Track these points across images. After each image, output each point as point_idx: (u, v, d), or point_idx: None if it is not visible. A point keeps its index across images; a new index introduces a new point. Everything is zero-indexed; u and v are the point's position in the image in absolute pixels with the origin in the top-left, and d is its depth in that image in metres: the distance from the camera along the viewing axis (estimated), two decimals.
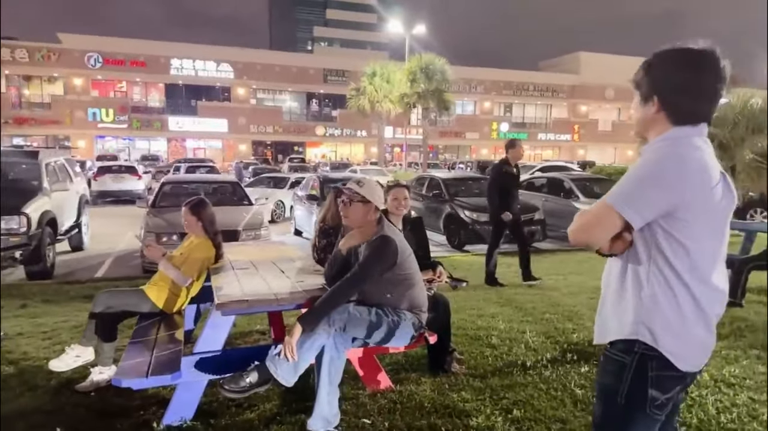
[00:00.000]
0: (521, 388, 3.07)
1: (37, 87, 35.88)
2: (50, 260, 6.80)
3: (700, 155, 1.33)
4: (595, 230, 1.35)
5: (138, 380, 2.20)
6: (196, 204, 3.45)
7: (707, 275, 1.36)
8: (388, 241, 2.48)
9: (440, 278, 3.32)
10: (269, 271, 3.06)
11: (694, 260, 1.33)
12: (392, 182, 3.49)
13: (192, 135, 39.46)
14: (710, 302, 1.37)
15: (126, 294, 3.19)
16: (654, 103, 1.40)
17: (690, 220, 1.30)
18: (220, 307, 2.26)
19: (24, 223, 6.12)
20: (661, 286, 1.35)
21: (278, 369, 2.33)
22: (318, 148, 44.01)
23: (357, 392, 2.99)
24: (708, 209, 1.32)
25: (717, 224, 1.36)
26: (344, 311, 2.40)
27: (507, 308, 5.04)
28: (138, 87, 38.46)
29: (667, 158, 1.32)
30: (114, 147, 37.06)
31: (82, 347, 3.07)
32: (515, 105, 49.34)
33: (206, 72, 39.16)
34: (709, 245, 1.35)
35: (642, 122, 1.46)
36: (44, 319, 4.61)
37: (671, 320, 1.35)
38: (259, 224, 7.31)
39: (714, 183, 1.32)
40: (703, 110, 1.38)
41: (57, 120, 35.13)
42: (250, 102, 41.33)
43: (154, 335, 2.79)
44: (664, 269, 1.35)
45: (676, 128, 1.37)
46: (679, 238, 1.32)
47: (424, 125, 29.04)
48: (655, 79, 1.41)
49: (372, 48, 64.09)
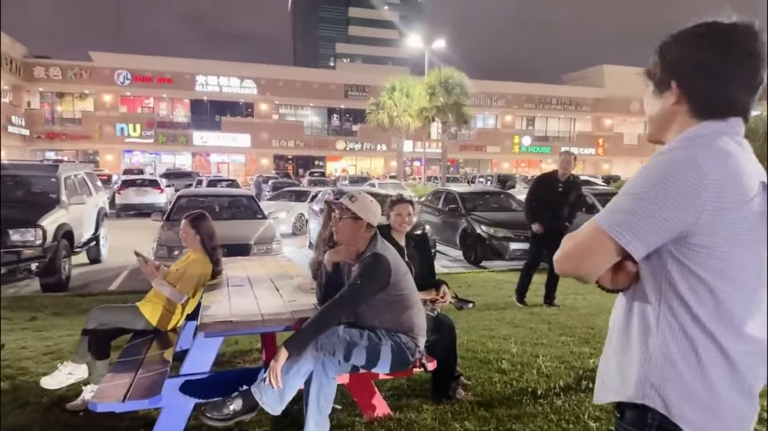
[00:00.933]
0: (530, 419, 2.87)
1: (69, 103, 37.20)
2: (65, 272, 6.86)
3: (727, 159, 1.00)
4: (585, 260, 1.05)
5: (114, 404, 2.09)
6: (195, 218, 3.39)
7: (741, 323, 1.02)
8: (380, 259, 2.34)
9: (444, 299, 3.15)
10: (264, 289, 2.95)
11: (722, 301, 1.00)
12: (396, 197, 3.35)
13: (216, 150, 40.23)
14: (747, 361, 1.02)
15: (120, 311, 3.13)
16: (672, 91, 1.08)
17: (712, 248, 0.98)
18: (202, 328, 2.16)
19: (40, 235, 6.19)
20: (674, 334, 1.02)
21: (263, 396, 2.20)
22: (338, 162, 44.28)
23: (353, 419, 2.83)
24: (739, 234, 0.99)
25: (753, 256, 1.02)
26: (333, 335, 2.26)
27: (521, 329, 4.82)
28: (164, 103, 39.51)
29: (678, 163, 0.99)
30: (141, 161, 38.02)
31: (75, 364, 3.00)
32: (538, 118, 48.81)
33: (230, 88, 39.99)
34: (744, 280, 1.01)
35: (657, 118, 1.13)
36: (50, 332, 4.60)
37: (689, 382, 1.01)
38: (271, 238, 7.28)
39: (749, 197, 0.99)
40: (736, 99, 1.06)
41: (87, 135, 36.29)
42: (273, 117, 41.96)
43: (143, 354, 2.70)
44: (678, 311, 1.02)
45: (701, 124, 1.06)
46: (698, 272, 1.00)
47: (444, 139, 28.90)
48: (672, 60, 1.09)
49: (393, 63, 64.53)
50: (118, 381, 2.31)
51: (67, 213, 7.10)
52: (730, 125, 1.06)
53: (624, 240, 1.00)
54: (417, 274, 3.18)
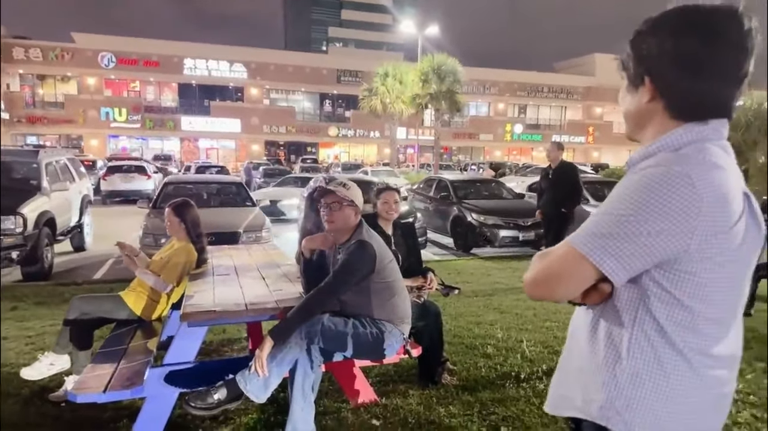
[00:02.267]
0: (512, 402, 2.90)
1: (50, 86, 36.27)
2: (48, 261, 6.75)
3: (720, 176, 0.89)
4: (559, 284, 0.95)
5: (94, 395, 2.07)
6: (179, 205, 3.33)
7: (717, 345, 0.95)
8: (365, 246, 2.32)
9: (431, 286, 3.16)
10: (249, 278, 2.92)
11: (702, 326, 0.93)
12: (382, 185, 3.34)
13: (205, 135, 39.66)
14: (719, 380, 0.97)
15: (102, 300, 3.08)
16: (646, 87, 0.96)
17: (699, 274, 0.90)
18: (185, 317, 2.13)
19: (20, 223, 6.07)
20: (647, 362, 0.94)
21: (248, 385, 2.19)
22: (331, 148, 43.96)
23: (340, 405, 2.85)
24: (726, 255, 0.90)
25: (736, 274, 0.94)
26: (318, 323, 2.25)
27: (507, 315, 4.86)
28: (151, 87, 38.75)
29: (671, 181, 0.87)
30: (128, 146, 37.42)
31: (57, 355, 2.96)
32: (529, 106, 48.77)
33: (219, 72, 39.31)
34: (724, 303, 0.94)
35: (633, 116, 1.02)
36: (32, 322, 4.54)
37: (657, 409, 0.94)
38: (260, 225, 7.21)
39: (736, 218, 0.90)
40: (718, 97, 0.93)
41: (70, 119, 35.50)
42: (264, 102, 41.42)
43: (126, 344, 2.67)
44: (653, 338, 0.94)
45: (684, 127, 0.94)
46: (682, 298, 0.92)
47: (437, 126, 28.78)
48: (646, 51, 0.95)
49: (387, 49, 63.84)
50: (99, 372, 2.28)
51: (49, 200, 6.96)
52: (713, 128, 0.94)
53: (608, 268, 0.91)
54: (404, 261, 3.19)
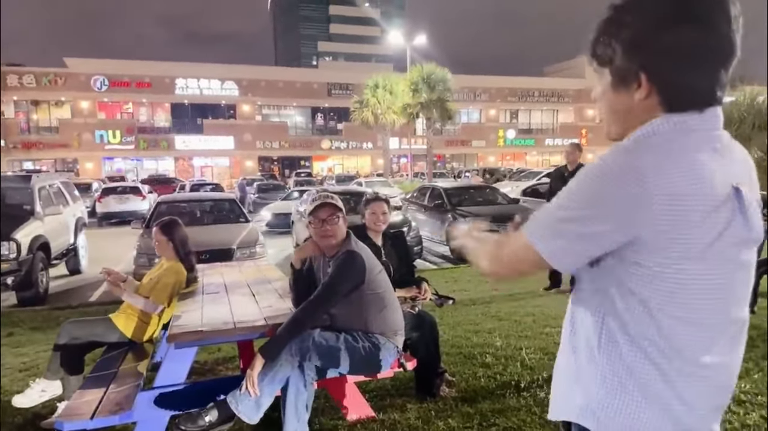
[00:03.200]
0: (513, 413, 2.86)
1: (45, 111, 36.38)
2: (43, 285, 6.72)
3: (681, 164, 0.82)
4: (513, 270, 0.99)
5: (82, 422, 2.03)
6: (167, 224, 3.31)
7: (693, 349, 0.89)
8: (354, 257, 2.30)
9: (424, 296, 3.13)
10: (239, 295, 2.89)
11: (668, 328, 0.87)
12: (371, 196, 3.31)
13: (199, 153, 39.72)
14: (703, 392, 0.91)
15: (92, 324, 3.04)
16: (641, 84, 0.88)
17: (664, 271, 0.84)
18: (171, 339, 2.10)
19: (14, 249, 6.04)
20: (613, 364, 0.91)
21: (239, 405, 2.15)
22: (324, 161, 44.06)
23: (336, 422, 2.80)
24: (696, 252, 0.83)
25: (719, 273, 0.86)
26: (308, 339, 2.21)
27: (506, 322, 4.82)
28: (144, 108, 38.87)
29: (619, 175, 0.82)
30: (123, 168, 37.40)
31: (48, 380, 2.91)
32: (521, 111, 49.08)
33: (211, 90, 39.50)
34: (704, 304, 0.87)
35: (622, 115, 0.93)
36: (27, 348, 4.49)
37: (627, 412, 0.91)
38: (254, 241, 7.19)
39: (708, 207, 0.82)
40: (714, 85, 0.86)
41: (65, 143, 35.54)
42: (256, 118, 41.58)
43: (116, 367, 2.62)
44: (620, 339, 0.90)
45: (664, 117, 0.88)
46: (646, 298, 0.87)
47: (429, 135, 28.90)
48: (636, 45, 0.87)
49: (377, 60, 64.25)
50: (88, 397, 2.24)
51: (43, 224, 6.94)
52: (705, 117, 0.87)
53: (551, 259, 0.91)
54: (395, 272, 3.16)
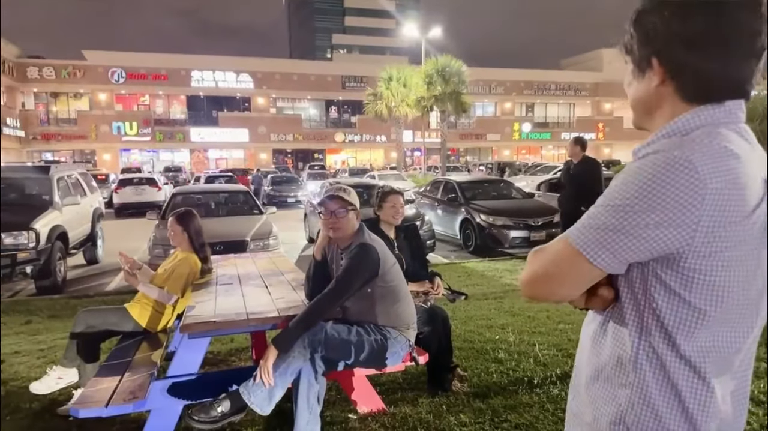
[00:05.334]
0: (526, 409, 2.83)
1: (64, 103, 37.00)
2: (61, 274, 6.83)
3: (729, 160, 0.80)
4: (555, 282, 0.88)
5: (96, 409, 2.05)
6: (182, 215, 3.34)
7: (733, 359, 0.87)
8: (368, 248, 2.29)
9: (437, 291, 3.10)
10: (252, 287, 2.89)
11: (716, 334, 0.84)
12: (387, 189, 3.28)
13: (214, 146, 40.06)
14: (735, 395, 0.89)
15: (107, 313, 3.08)
16: (655, 70, 0.88)
17: (709, 272, 0.81)
18: (184, 329, 2.11)
19: (33, 238, 6.15)
20: (655, 374, 0.86)
21: (252, 397, 2.16)
22: (338, 154, 44.10)
23: (347, 415, 2.80)
24: (740, 250, 0.81)
25: (757, 272, 0.84)
26: (321, 331, 2.21)
27: (519, 317, 4.77)
28: (160, 100, 39.28)
29: (669, 166, 0.79)
30: (139, 159, 37.90)
31: (65, 368, 2.96)
32: (537, 105, 48.49)
33: (226, 83, 39.71)
34: (741, 305, 0.84)
35: (641, 102, 0.93)
36: (44, 335, 4.57)
37: (669, 427, 0.86)
38: (267, 233, 7.23)
39: (751, 207, 0.80)
40: (734, 76, 0.84)
41: (83, 135, 36.14)
42: (270, 111, 41.73)
43: (131, 356, 2.65)
44: (661, 346, 0.85)
45: (693, 110, 0.85)
46: (691, 299, 0.82)
47: (443, 128, 28.71)
48: (652, 32, 0.88)
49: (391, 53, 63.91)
50: (102, 385, 2.26)
51: (61, 215, 7.06)
52: (727, 111, 0.85)
53: (602, 263, 0.84)
54: (408, 265, 3.13)
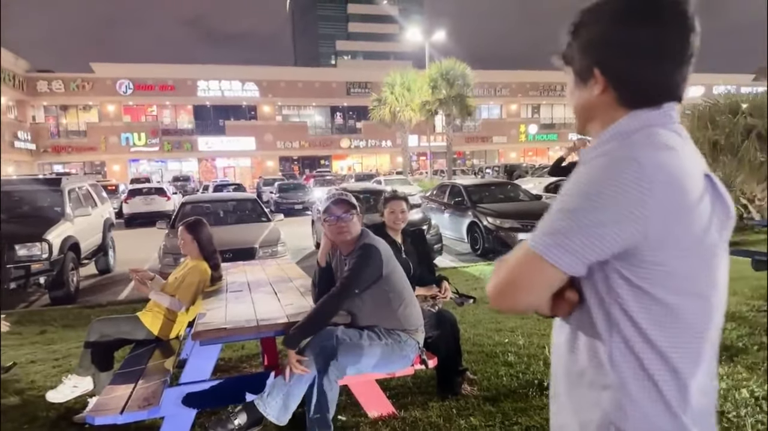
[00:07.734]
0: (536, 412, 2.83)
1: (73, 116, 37.55)
2: (74, 284, 6.93)
3: (671, 156, 0.85)
4: (521, 291, 0.88)
5: (112, 416, 2.09)
6: (192, 224, 3.39)
7: (701, 345, 0.89)
8: (371, 250, 2.33)
9: (445, 295, 3.11)
10: (262, 294, 2.93)
11: (683, 322, 0.86)
12: (388, 195, 3.30)
13: (221, 154, 40.40)
14: (705, 385, 0.90)
15: (120, 322, 3.13)
16: (596, 79, 0.93)
17: (666, 263, 0.84)
18: (195, 336, 2.14)
19: (46, 249, 6.25)
20: (633, 369, 0.87)
21: (267, 408, 2.19)
22: (344, 160, 44.27)
23: (358, 420, 2.82)
24: (691, 239, 0.85)
25: (709, 259, 0.88)
26: (331, 337, 2.24)
27: (528, 320, 4.77)
28: (168, 110, 39.70)
29: (617, 168, 0.83)
30: (148, 170, 38.30)
31: (79, 377, 3.01)
32: (543, 106, 48.39)
33: (232, 92, 40.09)
34: (700, 293, 0.88)
35: (583, 110, 0.99)
36: (59, 345, 4.64)
37: (654, 419, 0.87)
38: (275, 240, 7.28)
39: (695, 198, 0.85)
40: (668, 82, 0.90)
41: (93, 146, 36.67)
42: (276, 119, 42.04)
43: (144, 364, 2.69)
44: (634, 341, 0.87)
45: (631, 114, 0.91)
46: (652, 291, 0.84)
47: (448, 132, 28.73)
48: (591, 43, 0.93)
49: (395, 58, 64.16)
50: (117, 393, 2.31)
51: (73, 226, 7.16)
52: (663, 112, 0.91)
53: (565, 265, 0.84)
54: (416, 270, 3.15)
